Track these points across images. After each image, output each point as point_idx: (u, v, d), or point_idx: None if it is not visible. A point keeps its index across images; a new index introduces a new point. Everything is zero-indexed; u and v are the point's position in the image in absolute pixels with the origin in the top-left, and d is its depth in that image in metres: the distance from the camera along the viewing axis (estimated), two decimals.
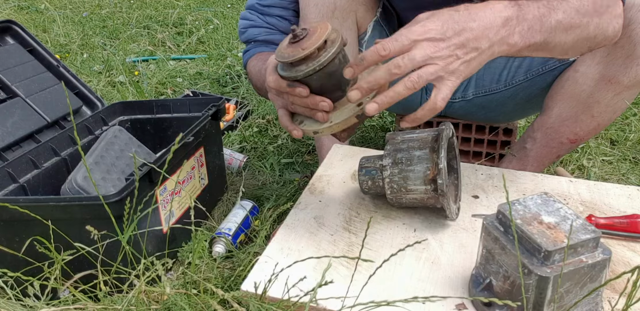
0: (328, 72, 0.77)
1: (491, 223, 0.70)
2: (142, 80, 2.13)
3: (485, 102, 1.24)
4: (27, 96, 1.26)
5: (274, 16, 1.16)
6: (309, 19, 1.07)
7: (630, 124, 1.67)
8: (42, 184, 1.05)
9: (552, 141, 1.12)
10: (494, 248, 0.69)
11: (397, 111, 1.48)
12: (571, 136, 1.09)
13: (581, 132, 1.08)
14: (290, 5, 1.16)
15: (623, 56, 0.95)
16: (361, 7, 1.11)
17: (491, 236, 0.69)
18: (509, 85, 1.19)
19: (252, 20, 1.19)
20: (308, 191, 1.04)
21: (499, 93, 1.21)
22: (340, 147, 1.19)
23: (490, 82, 1.21)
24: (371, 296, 0.73)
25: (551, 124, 1.10)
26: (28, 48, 1.35)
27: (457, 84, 0.71)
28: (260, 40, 1.18)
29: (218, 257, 1.06)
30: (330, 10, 1.06)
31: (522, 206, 0.69)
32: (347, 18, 1.09)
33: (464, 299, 0.74)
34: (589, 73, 1.00)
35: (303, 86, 0.78)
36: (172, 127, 1.30)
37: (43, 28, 2.88)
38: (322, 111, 0.79)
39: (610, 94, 1.00)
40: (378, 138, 1.66)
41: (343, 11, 1.07)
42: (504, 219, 0.68)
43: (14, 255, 0.86)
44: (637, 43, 0.92)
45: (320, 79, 0.78)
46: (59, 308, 0.72)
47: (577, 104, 1.04)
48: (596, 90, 1.00)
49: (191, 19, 2.97)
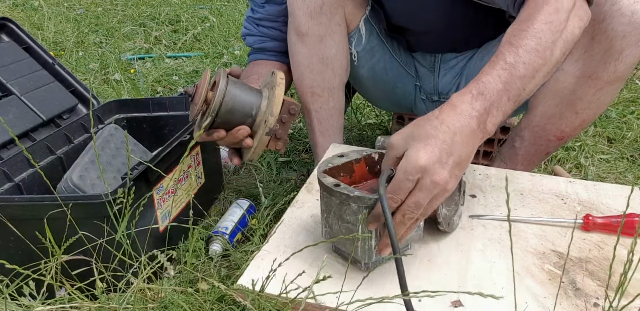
0: (225, 110, 0.91)
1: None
2: (137, 78, 2.13)
3: None
4: (22, 94, 1.25)
5: (266, 27, 1.22)
6: (297, 15, 1.08)
7: (627, 123, 1.67)
8: (38, 183, 1.04)
9: (540, 139, 1.12)
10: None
11: (392, 109, 1.48)
12: (558, 134, 1.10)
13: (567, 129, 1.08)
14: (279, 19, 1.19)
15: (601, 51, 0.95)
16: (349, 3, 1.11)
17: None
18: None
19: (248, 29, 1.25)
20: (305, 189, 1.04)
21: None
22: (338, 147, 1.19)
23: None
24: (368, 294, 0.73)
25: (537, 123, 1.10)
26: (23, 46, 1.34)
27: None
28: (256, 47, 1.25)
29: (215, 256, 1.05)
30: (318, 5, 1.06)
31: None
32: (335, 14, 1.09)
33: (460, 293, 0.74)
34: (569, 71, 1.00)
35: (217, 130, 0.94)
36: (168, 125, 1.30)
37: (38, 26, 2.87)
38: (244, 139, 0.94)
39: (592, 90, 1.00)
40: (375, 137, 1.66)
41: (331, 7, 1.07)
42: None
43: (9, 254, 0.86)
44: (613, 38, 0.92)
45: (224, 118, 0.92)
46: (54, 307, 0.72)
47: (560, 102, 1.05)
48: (578, 87, 1.01)
49: (187, 16, 2.96)
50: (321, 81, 1.17)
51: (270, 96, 0.94)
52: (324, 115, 1.23)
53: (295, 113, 0.97)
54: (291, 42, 1.13)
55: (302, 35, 1.10)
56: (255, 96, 0.95)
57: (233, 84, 0.93)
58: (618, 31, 0.91)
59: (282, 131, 0.97)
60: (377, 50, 1.22)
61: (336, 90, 1.20)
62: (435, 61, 1.27)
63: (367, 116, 1.78)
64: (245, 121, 0.94)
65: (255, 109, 0.94)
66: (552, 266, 0.81)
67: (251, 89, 0.96)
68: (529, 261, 0.82)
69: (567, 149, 1.53)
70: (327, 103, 1.21)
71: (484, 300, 0.73)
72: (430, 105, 1.34)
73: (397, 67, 1.27)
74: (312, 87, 1.16)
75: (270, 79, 0.98)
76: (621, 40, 0.92)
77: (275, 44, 1.22)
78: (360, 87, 1.34)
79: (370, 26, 1.17)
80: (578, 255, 0.84)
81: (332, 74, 1.17)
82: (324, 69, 1.15)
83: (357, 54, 1.20)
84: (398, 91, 1.32)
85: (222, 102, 0.90)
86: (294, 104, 0.97)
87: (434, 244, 0.87)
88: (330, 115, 1.24)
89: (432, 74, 1.28)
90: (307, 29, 1.09)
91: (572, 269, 0.81)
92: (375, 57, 1.22)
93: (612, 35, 0.92)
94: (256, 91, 0.97)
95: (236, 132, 0.93)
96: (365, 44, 1.19)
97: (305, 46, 1.11)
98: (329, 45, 1.12)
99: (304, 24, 1.08)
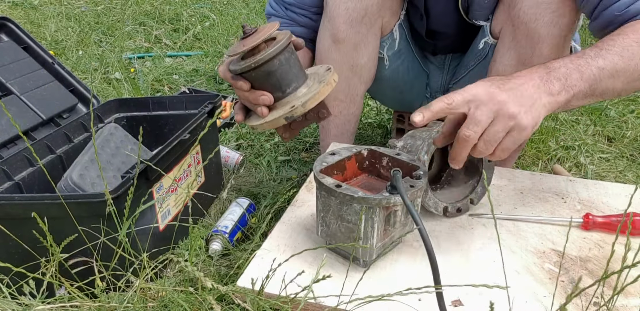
0: (265, 70, 0.83)
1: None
2: (137, 77, 2.13)
3: None
4: (22, 93, 1.25)
5: (296, 13, 1.17)
6: (337, 22, 1.07)
7: (627, 122, 1.67)
8: (38, 182, 1.04)
9: None
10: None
11: (399, 107, 1.48)
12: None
13: None
14: (311, 8, 1.16)
15: (523, 36, 0.97)
16: (388, 12, 1.11)
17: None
18: None
19: (275, 10, 1.20)
20: (305, 188, 1.04)
21: None
22: (337, 146, 1.19)
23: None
24: (368, 292, 0.73)
25: None
26: (22, 45, 1.34)
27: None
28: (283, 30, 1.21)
29: (215, 255, 1.05)
30: (360, 15, 1.06)
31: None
32: (374, 24, 1.10)
33: (464, 286, 0.74)
34: (506, 61, 1.02)
35: (244, 81, 0.85)
36: (168, 124, 1.30)
37: (38, 25, 2.86)
38: (262, 106, 0.85)
39: None
40: (375, 135, 1.66)
41: (372, 17, 1.08)
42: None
43: (9, 253, 0.86)
44: (527, 22, 0.94)
45: (258, 76, 0.84)
46: (54, 306, 0.72)
47: None
48: None
49: (187, 15, 2.95)
50: (346, 87, 1.18)
51: (314, 88, 0.87)
52: (342, 120, 1.24)
53: (323, 117, 0.92)
54: (324, 46, 1.12)
55: (338, 42, 1.10)
56: (301, 78, 0.88)
57: (290, 52, 0.85)
58: (529, 14, 0.94)
59: (299, 124, 0.93)
60: (403, 52, 1.22)
61: (359, 97, 1.22)
62: (446, 59, 1.28)
63: (367, 114, 1.78)
64: (275, 92, 0.86)
65: (292, 89, 0.87)
66: (552, 265, 0.81)
67: (301, 70, 0.89)
68: (529, 260, 0.82)
69: (567, 148, 1.53)
70: (348, 109, 1.22)
71: (484, 300, 0.73)
72: None
73: (417, 66, 1.28)
74: (337, 92, 1.17)
75: (323, 74, 0.91)
76: (535, 22, 0.94)
77: (304, 30, 1.18)
78: (376, 87, 1.33)
79: (402, 30, 1.18)
80: (578, 254, 0.84)
81: (358, 82, 1.18)
82: (352, 76, 1.16)
83: (388, 58, 1.20)
84: (414, 91, 1.32)
85: (269, 61, 0.82)
86: (327, 111, 0.92)
87: (434, 243, 0.87)
88: (348, 120, 1.25)
89: (441, 71, 1.29)
90: (345, 37, 1.09)
91: (572, 268, 0.81)
92: (401, 59, 1.23)
93: (526, 19, 0.94)
94: (304, 74, 0.90)
95: (259, 95, 0.85)
96: (396, 48, 1.19)
97: (339, 53, 1.11)
98: (362, 54, 1.13)
99: (342, 31, 1.08)
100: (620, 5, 0.82)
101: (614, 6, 0.83)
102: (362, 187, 0.85)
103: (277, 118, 0.85)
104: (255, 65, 0.82)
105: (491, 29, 1.08)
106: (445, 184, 0.97)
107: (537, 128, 0.76)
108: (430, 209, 0.90)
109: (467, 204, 0.94)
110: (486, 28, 1.09)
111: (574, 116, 1.73)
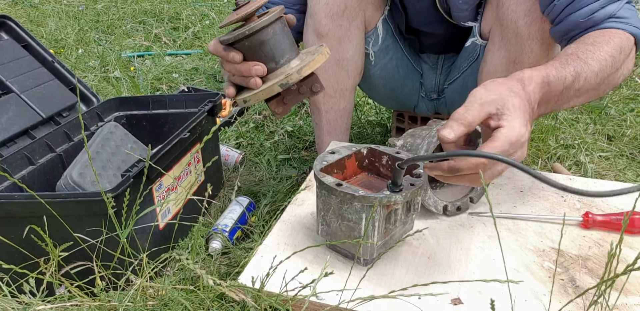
0: (259, 39, 0.82)
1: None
2: (137, 75, 2.12)
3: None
4: (21, 91, 1.25)
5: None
6: (319, 17, 1.08)
7: (627, 120, 1.67)
8: (37, 181, 1.04)
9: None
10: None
11: (395, 107, 1.48)
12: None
13: None
14: (294, 6, 1.16)
15: (513, 35, 0.96)
16: (370, 6, 1.11)
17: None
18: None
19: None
20: (305, 186, 1.04)
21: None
22: (337, 144, 1.19)
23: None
24: (368, 291, 0.73)
25: None
26: (22, 43, 1.34)
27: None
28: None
29: (214, 253, 1.05)
30: (340, 9, 1.06)
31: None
32: (356, 17, 1.10)
33: (460, 282, 0.75)
34: (496, 61, 1.02)
35: (237, 52, 0.82)
36: (168, 123, 1.29)
37: (38, 23, 2.86)
38: (256, 77, 0.82)
39: None
40: (375, 134, 1.66)
41: (353, 10, 1.08)
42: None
43: (9, 252, 0.86)
44: (516, 19, 0.94)
45: (252, 45, 0.82)
46: (55, 305, 0.72)
47: None
48: (508, 74, 1.02)
49: (187, 13, 2.95)
50: (335, 82, 1.18)
51: (307, 58, 0.86)
52: (333, 115, 1.24)
53: (316, 91, 0.91)
54: (309, 42, 1.13)
55: (321, 36, 1.10)
56: (293, 50, 0.87)
57: (283, 24, 0.85)
58: (518, 12, 0.93)
59: (292, 99, 0.91)
60: (390, 49, 1.22)
61: (348, 92, 1.21)
62: (439, 59, 1.27)
63: (367, 113, 1.78)
64: (268, 62, 0.85)
65: (285, 60, 0.86)
66: (551, 263, 0.81)
67: (293, 43, 0.88)
68: (528, 259, 0.82)
69: (567, 147, 1.53)
70: (338, 104, 1.22)
71: (484, 298, 0.74)
72: (428, 103, 1.34)
73: (407, 64, 1.27)
74: (326, 88, 1.17)
75: (315, 48, 0.90)
76: (523, 19, 0.93)
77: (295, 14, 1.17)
78: (367, 85, 1.34)
79: (387, 26, 1.18)
80: (578, 253, 0.84)
81: (346, 76, 1.18)
82: (339, 71, 1.16)
83: (373, 54, 1.20)
84: (406, 89, 1.32)
85: (263, 29, 0.81)
86: (321, 85, 0.91)
87: (434, 242, 0.87)
88: (340, 116, 1.25)
89: (434, 71, 1.29)
90: (327, 31, 1.09)
91: (572, 267, 0.81)
92: (389, 56, 1.23)
93: (515, 17, 0.94)
94: (296, 48, 0.89)
95: (253, 65, 0.83)
96: (381, 44, 1.19)
97: None
98: (347, 48, 1.13)
99: (324, 25, 1.08)
100: (585, 12, 0.84)
101: (578, 12, 0.84)
102: (362, 186, 0.85)
103: (271, 86, 0.83)
104: (250, 32, 0.80)
105: (480, 29, 1.08)
106: (445, 183, 0.97)
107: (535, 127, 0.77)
108: (430, 208, 0.90)
109: (466, 203, 0.94)
110: (475, 29, 1.09)
111: (574, 114, 1.73)
